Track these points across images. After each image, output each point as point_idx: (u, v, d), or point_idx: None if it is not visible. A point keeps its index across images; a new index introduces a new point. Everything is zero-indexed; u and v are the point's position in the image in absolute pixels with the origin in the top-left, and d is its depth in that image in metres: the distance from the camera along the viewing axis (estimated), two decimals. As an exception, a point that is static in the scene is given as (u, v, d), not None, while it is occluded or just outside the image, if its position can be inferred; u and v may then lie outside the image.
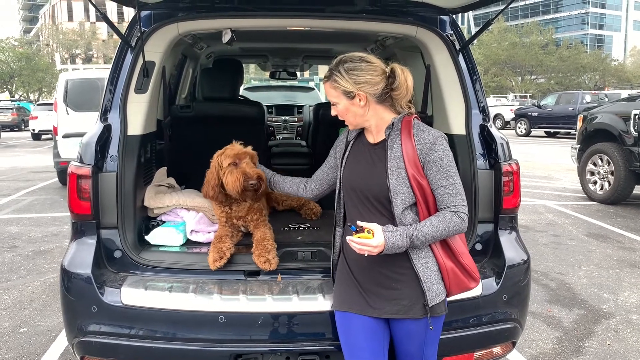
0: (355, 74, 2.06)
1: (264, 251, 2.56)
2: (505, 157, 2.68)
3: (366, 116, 2.13)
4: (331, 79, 2.11)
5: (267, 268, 2.51)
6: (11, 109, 31.85)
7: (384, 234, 1.97)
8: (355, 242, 1.97)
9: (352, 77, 2.06)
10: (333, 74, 2.10)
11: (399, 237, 1.98)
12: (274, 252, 2.59)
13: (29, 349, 3.77)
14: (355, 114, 2.13)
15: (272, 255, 2.56)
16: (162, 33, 2.74)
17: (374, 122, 2.15)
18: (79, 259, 2.49)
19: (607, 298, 4.76)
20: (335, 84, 2.09)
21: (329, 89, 2.14)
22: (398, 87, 2.09)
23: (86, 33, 68.38)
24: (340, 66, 2.09)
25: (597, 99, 22.57)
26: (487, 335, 2.52)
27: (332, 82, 2.10)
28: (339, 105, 2.13)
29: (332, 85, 2.11)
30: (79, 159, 2.56)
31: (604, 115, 8.82)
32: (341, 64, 2.09)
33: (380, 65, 2.10)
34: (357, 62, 2.08)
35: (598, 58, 55.73)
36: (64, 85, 9.97)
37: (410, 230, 2.00)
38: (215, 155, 2.77)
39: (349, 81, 2.06)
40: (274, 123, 8.01)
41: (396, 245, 1.98)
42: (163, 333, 2.34)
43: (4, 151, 19.10)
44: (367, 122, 2.16)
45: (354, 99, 2.09)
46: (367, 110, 2.11)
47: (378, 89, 2.08)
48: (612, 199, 8.67)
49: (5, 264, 5.71)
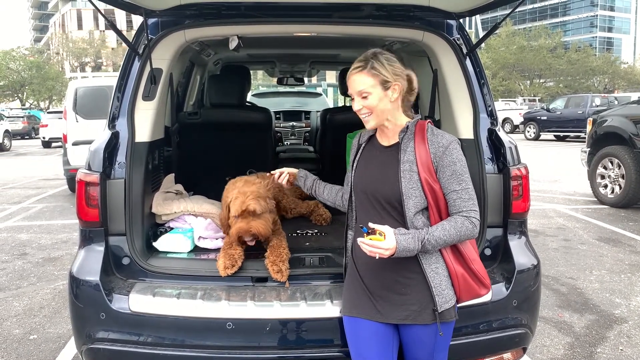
0: (394, 65, 2.08)
1: (278, 259, 2.55)
2: (514, 161, 2.67)
3: (391, 113, 2.12)
4: (369, 67, 2.07)
5: (279, 279, 2.50)
6: (22, 117, 32.19)
7: (395, 237, 1.95)
8: (366, 244, 1.95)
9: (392, 66, 2.07)
10: (372, 62, 2.07)
11: (411, 241, 1.97)
12: (287, 263, 2.57)
13: (38, 356, 3.78)
14: (383, 110, 2.09)
15: (285, 266, 2.54)
16: (169, 40, 2.76)
17: (392, 123, 2.14)
18: (87, 266, 2.50)
19: (619, 303, 4.70)
20: (375, 71, 2.06)
21: (365, 77, 2.07)
22: (413, 92, 2.16)
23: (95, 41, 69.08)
24: (380, 56, 2.08)
25: (607, 101, 22.43)
26: (497, 341, 2.50)
27: (372, 70, 2.06)
28: (371, 96, 2.07)
29: (370, 73, 2.06)
30: (87, 166, 2.57)
31: (613, 118, 8.75)
32: (380, 54, 2.10)
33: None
34: (393, 58, 2.11)
35: (607, 61, 55.36)
36: (73, 93, 10.05)
37: (422, 234, 1.99)
38: (228, 191, 2.79)
39: (389, 70, 2.06)
40: (282, 129, 8.02)
41: (408, 249, 1.96)
42: (171, 340, 2.34)
43: (15, 159, 19.27)
44: (387, 122, 2.14)
45: (389, 90, 2.07)
46: (397, 106, 2.12)
47: (405, 89, 2.12)
48: (623, 203, 8.58)
49: (15, 271, 5.75)
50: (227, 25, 2.81)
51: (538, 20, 78.96)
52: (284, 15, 2.78)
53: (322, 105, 9.06)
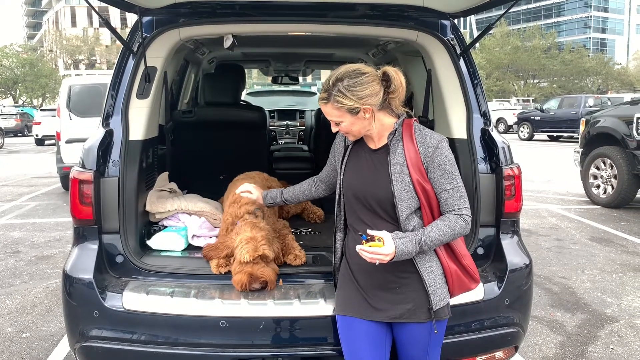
0: (357, 89, 1.99)
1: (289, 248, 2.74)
2: (506, 161, 2.68)
3: (371, 125, 2.08)
4: (332, 100, 2.02)
5: (298, 263, 2.65)
6: (15, 115, 31.98)
7: (394, 242, 1.96)
8: (366, 252, 1.95)
9: (354, 93, 1.99)
10: (333, 94, 2.01)
11: (409, 244, 1.98)
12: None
13: (31, 354, 3.77)
14: (361, 127, 2.07)
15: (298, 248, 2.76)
16: (163, 38, 2.75)
17: (376, 129, 2.11)
18: (81, 264, 2.49)
19: (611, 302, 4.74)
20: (339, 104, 2.00)
21: (331, 109, 2.04)
22: (395, 90, 2.05)
23: (89, 39, 68.77)
24: (339, 85, 2.00)
25: (600, 102, 22.54)
26: (489, 339, 2.51)
27: (335, 103, 2.01)
28: (343, 123, 2.06)
29: (334, 107, 2.02)
30: (80, 164, 2.57)
31: (606, 119, 8.80)
32: (339, 82, 2.00)
33: (374, 72, 2.04)
34: (355, 77, 2.00)
35: (601, 62, 55.68)
36: (67, 91, 10.01)
37: (419, 236, 2.00)
38: (228, 213, 2.78)
39: (352, 98, 1.99)
40: (276, 128, 8.03)
41: (406, 252, 1.97)
42: (164, 338, 2.34)
43: (8, 157, 19.16)
44: (369, 131, 2.11)
45: (359, 113, 2.02)
46: (373, 120, 2.07)
47: (380, 98, 2.04)
48: (615, 203, 8.64)
49: (8, 269, 5.72)
50: (222, 24, 2.81)
51: (532, 20, 79.22)
52: (278, 14, 2.78)
53: (317, 104, 9.02)
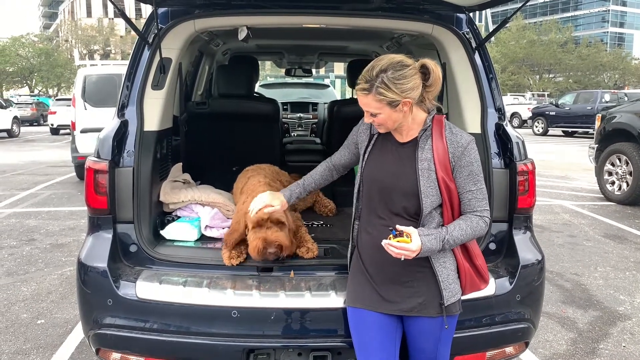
0: (400, 82, 1.93)
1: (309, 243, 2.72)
2: (520, 156, 2.66)
3: (406, 119, 2.05)
4: (374, 92, 1.95)
5: (310, 256, 2.64)
6: (30, 104, 32.31)
7: (420, 238, 1.95)
8: (394, 247, 1.94)
9: (398, 86, 1.93)
10: (376, 85, 1.94)
11: (434, 241, 1.97)
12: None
13: (46, 341, 3.84)
14: (396, 120, 2.03)
15: (310, 241, 2.74)
16: (179, 30, 2.77)
17: (407, 123, 2.08)
18: (95, 252, 2.53)
19: (623, 300, 4.70)
20: (381, 96, 1.94)
21: (372, 101, 1.97)
22: (433, 84, 2.01)
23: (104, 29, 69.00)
24: (383, 76, 1.93)
25: (617, 98, 22.23)
26: (499, 334, 2.51)
27: (377, 95, 1.94)
28: (380, 115, 2.00)
29: (375, 98, 1.95)
30: (96, 154, 2.59)
31: (623, 115, 8.69)
32: (382, 73, 1.93)
33: (415, 65, 1.98)
34: (400, 69, 1.94)
35: (618, 56, 54.81)
36: (82, 80, 10.10)
37: (443, 234, 2.00)
38: (242, 201, 2.77)
39: (395, 91, 1.93)
40: (289, 120, 8.02)
41: (431, 249, 1.97)
42: (176, 327, 2.36)
43: (23, 145, 19.37)
44: (402, 125, 2.08)
45: (398, 106, 1.97)
46: (410, 114, 2.04)
47: (419, 92, 2.00)
48: (630, 200, 8.54)
49: (23, 256, 5.81)
50: (237, 15, 2.82)
51: (549, 14, 78.15)
52: (293, 6, 2.78)
53: (330, 97, 9.04)
